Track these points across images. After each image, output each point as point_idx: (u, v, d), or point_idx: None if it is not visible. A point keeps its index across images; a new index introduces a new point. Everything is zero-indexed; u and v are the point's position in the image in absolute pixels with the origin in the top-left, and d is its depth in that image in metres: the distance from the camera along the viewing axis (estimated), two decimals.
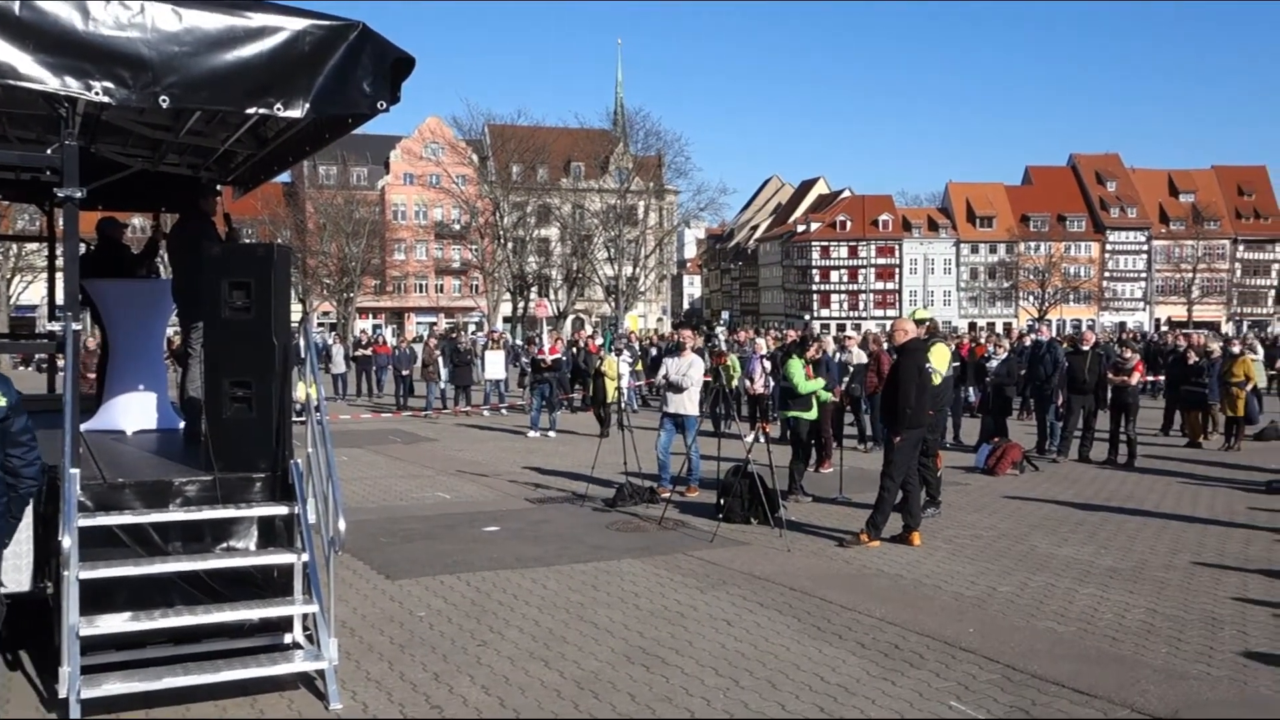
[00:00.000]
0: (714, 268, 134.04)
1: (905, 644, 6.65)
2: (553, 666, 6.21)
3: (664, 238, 75.13)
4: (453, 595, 7.85)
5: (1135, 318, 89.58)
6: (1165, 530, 10.45)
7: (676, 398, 12.47)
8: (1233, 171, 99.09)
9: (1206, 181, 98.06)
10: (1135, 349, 18.96)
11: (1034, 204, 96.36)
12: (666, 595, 7.87)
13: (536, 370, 20.38)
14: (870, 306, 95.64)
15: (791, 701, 5.66)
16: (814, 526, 10.53)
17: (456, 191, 70.59)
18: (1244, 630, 6.97)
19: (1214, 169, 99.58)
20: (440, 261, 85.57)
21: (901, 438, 9.58)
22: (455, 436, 19.61)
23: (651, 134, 70.03)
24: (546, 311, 27.14)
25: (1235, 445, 17.33)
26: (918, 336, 10.17)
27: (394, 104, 5.84)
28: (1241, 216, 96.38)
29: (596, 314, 77.33)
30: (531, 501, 12.20)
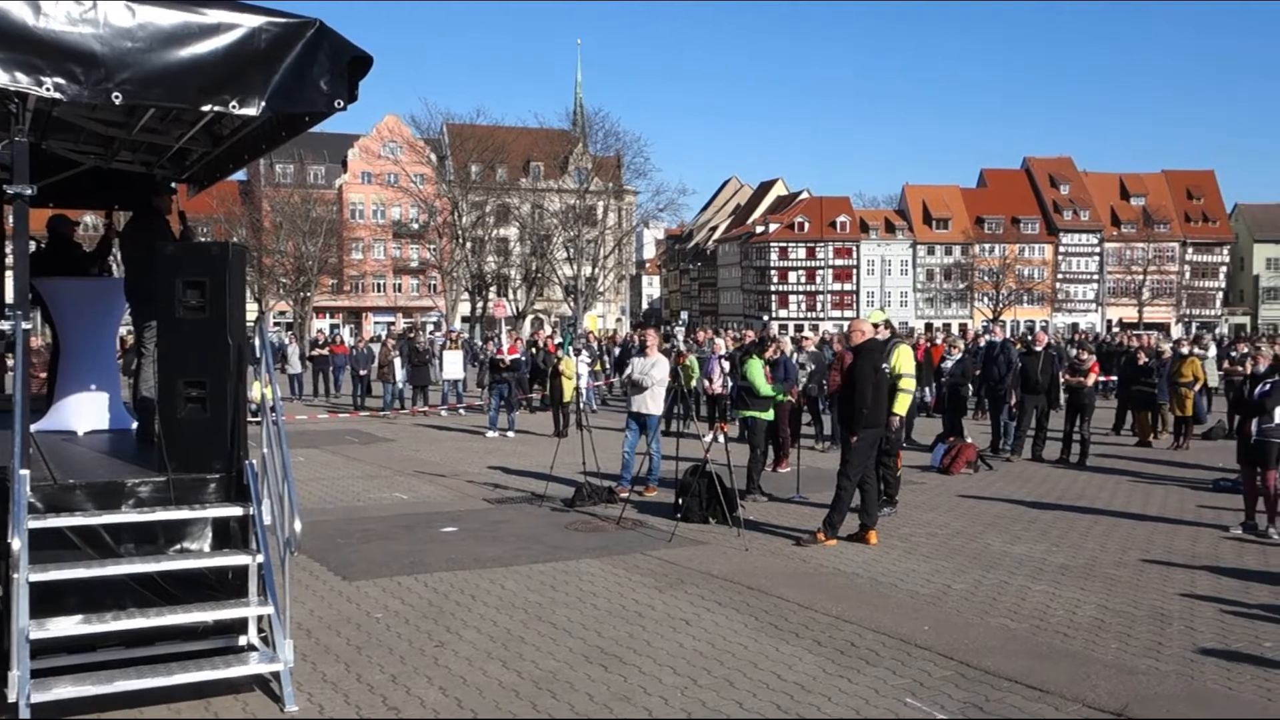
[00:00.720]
0: (673, 268, 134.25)
1: (861, 641, 6.72)
2: (511, 667, 6.20)
3: (623, 238, 75.18)
4: (410, 596, 7.82)
5: (1088, 319, 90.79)
6: (1116, 528, 10.61)
7: (639, 397, 12.51)
8: (1182, 176, 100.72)
9: (1156, 185, 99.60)
10: (1091, 350, 19.23)
11: (989, 206, 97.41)
12: (625, 595, 7.89)
13: (495, 370, 20.32)
14: (828, 307, 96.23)
15: (749, 699, 5.69)
16: (772, 526, 10.59)
17: (415, 190, 70.18)
18: (1191, 626, 7.10)
19: (1164, 173, 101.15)
20: (398, 261, 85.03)
21: (858, 437, 9.66)
22: (413, 437, 19.51)
23: (611, 134, 70.06)
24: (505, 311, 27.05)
25: (1184, 444, 17.64)
26: (874, 337, 10.25)
27: (351, 102, 5.80)
28: (1190, 220, 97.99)
29: (556, 314, 77.21)
30: (490, 502, 12.17)
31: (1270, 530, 10.11)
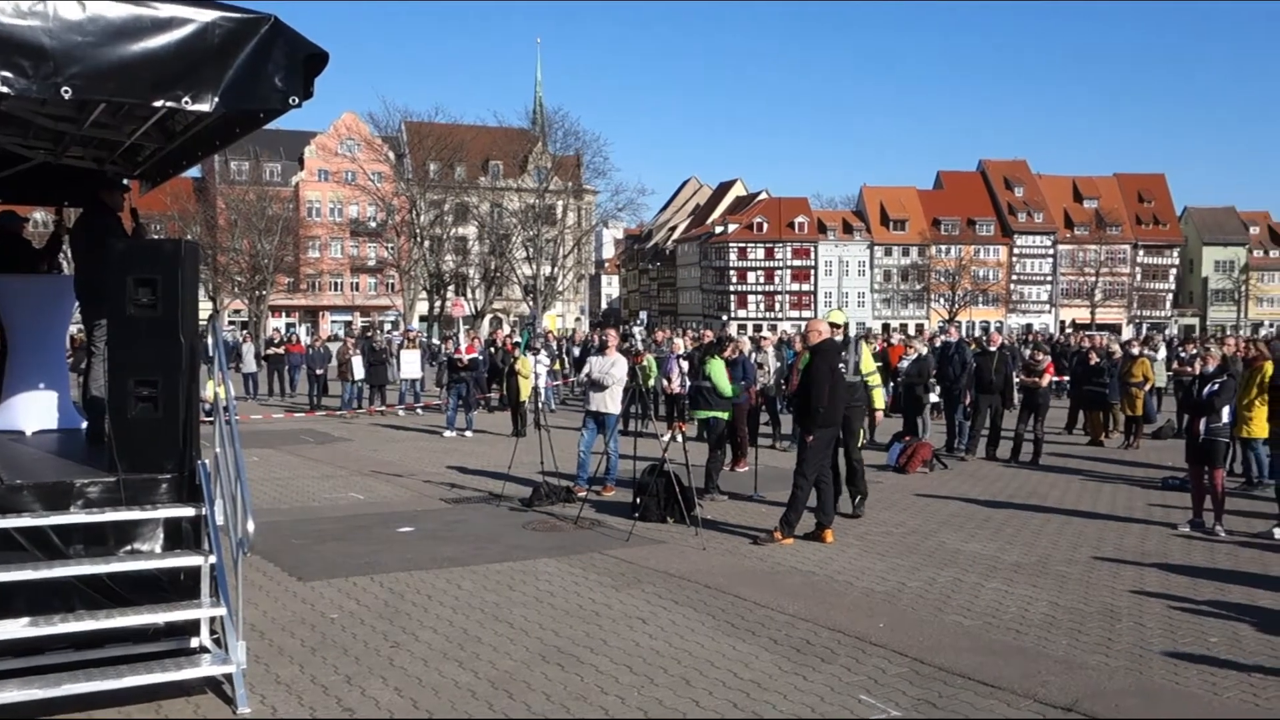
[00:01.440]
0: (632, 268, 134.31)
1: (817, 639, 6.76)
2: (467, 667, 6.18)
3: (582, 237, 75.06)
4: (365, 597, 7.77)
5: (1041, 319, 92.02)
6: (1068, 526, 10.75)
7: (598, 396, 12.51)
8: (1133, 179, 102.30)
9: (1109, 188, 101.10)
10: (1045, 351, 19.47)
11: (945, 208, 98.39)
12: (582, 594, 7.88)
13: (453, 370, 20.23)
14: (786, 307, 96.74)
15: (705, 698, 5.71)
16: (729, 525, 10.63)
17: (372, 189, 69.70)
18: (1140, 622, 7.22)
19: (1116, 176, 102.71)
20: (356, 259, 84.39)
21: (814, 436, 9.72)
22: (370, 436, 19.37)
23: (570, 134, 69.92)
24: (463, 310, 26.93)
25: (1134, 443, 17.90)
26: (831, 338, 10.33)
27: (307, 99, 5.75)
28: (1141, 222, 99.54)
29: (515, 313, 76.98)
30: (447, 501, 12.12)
31: (1217, 528, 10.30)
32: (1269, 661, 6.35)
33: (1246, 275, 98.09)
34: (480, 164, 78.22)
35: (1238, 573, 8.74)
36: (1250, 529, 10.44)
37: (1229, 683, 5.97)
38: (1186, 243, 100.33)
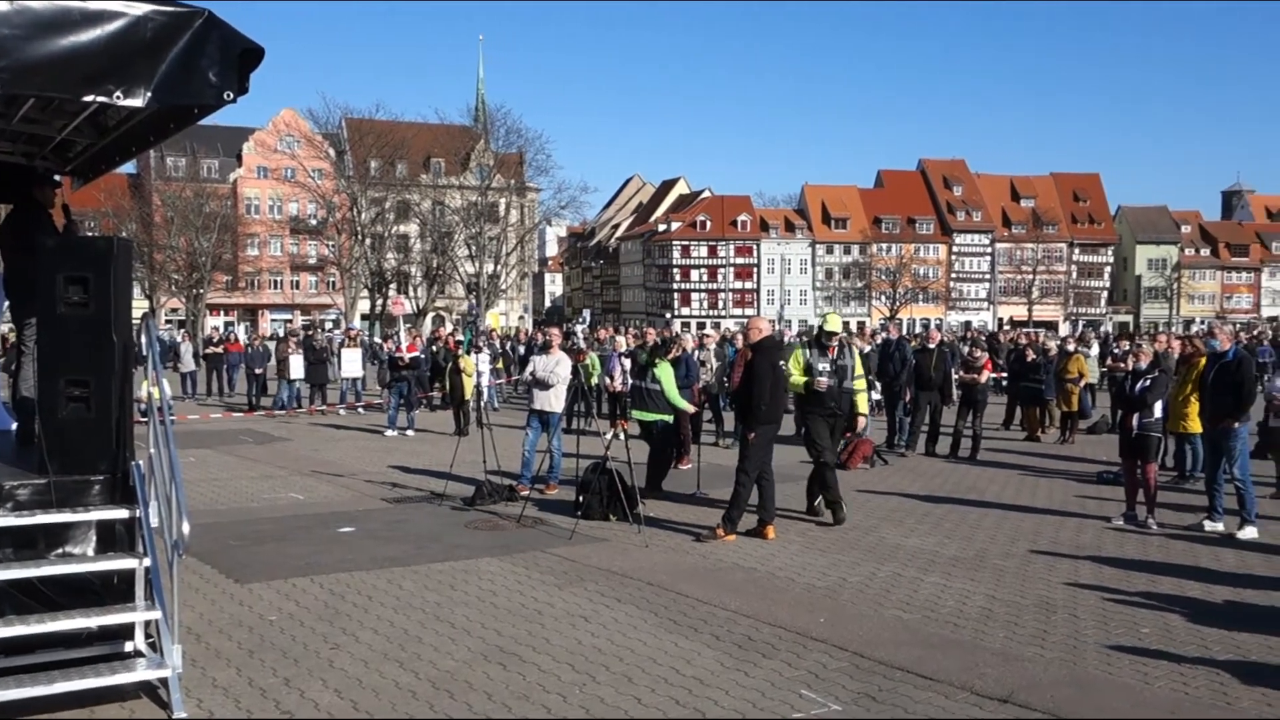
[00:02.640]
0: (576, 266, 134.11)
1: (759, 635, 6.80)
2: (408, 667, 6.14)
3: (525, 235, 74.87)
4: (305, 598, 7.68)
5: (980, 317, 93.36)
6: (1005, 520, 10.93)
7: (542, 394, 12.49)
8: (1069, 179, 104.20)
9: (1045, 187, 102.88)
10: (983, 348, 19.75)
11: (885, 207, 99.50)
12: (524, 593, 7.86)
13: (394, 368, 20.06)
14: (729, 305, 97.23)
15: (647, 695, 5.72)
16: (672, 522, 10.66)
17: (312, 186, 68.92)
18: (1075, 614, 7.35)
19: (1052, 176, 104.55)
20: (296, 257, 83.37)
21: (755, 434, 9.78)
22: (310, 436, 19.15)
23: (513, 131, 69.76)
24: (404, 309, 26.70)
25: (1070, 439, 18.24)
26: (771, 335, 10.41)
27: (242, 95, 5.66)
28: (1077, 221, 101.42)
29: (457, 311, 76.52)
30: (388, 501, 12.02)
31: (1149, 521, 10.52)
32: (1198, 651, 6.50)
33: (1178, 273, 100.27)
34: (422, 161, 77.66)
35: (1169, 564, 8.93)
36: (1181, 522, 10.68)
37: (1160, 672, 6.10)
38: (1120, 241, 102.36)
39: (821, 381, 10.71)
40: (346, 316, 66.03)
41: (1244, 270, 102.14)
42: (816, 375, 10.72)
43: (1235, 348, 10.76)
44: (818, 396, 10.75)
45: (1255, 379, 11.09)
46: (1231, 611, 7.43)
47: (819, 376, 10.71)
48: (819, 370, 10.74)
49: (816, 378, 10.71)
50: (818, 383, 10.71)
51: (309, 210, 77.14)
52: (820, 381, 10.71)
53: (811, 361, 10.81)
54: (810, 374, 10.76)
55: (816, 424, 10.80)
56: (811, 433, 10.82)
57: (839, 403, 10.88)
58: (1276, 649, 6.55)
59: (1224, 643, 6.67)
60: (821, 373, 10.73)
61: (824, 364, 10.79)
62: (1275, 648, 6.58)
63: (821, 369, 10.75)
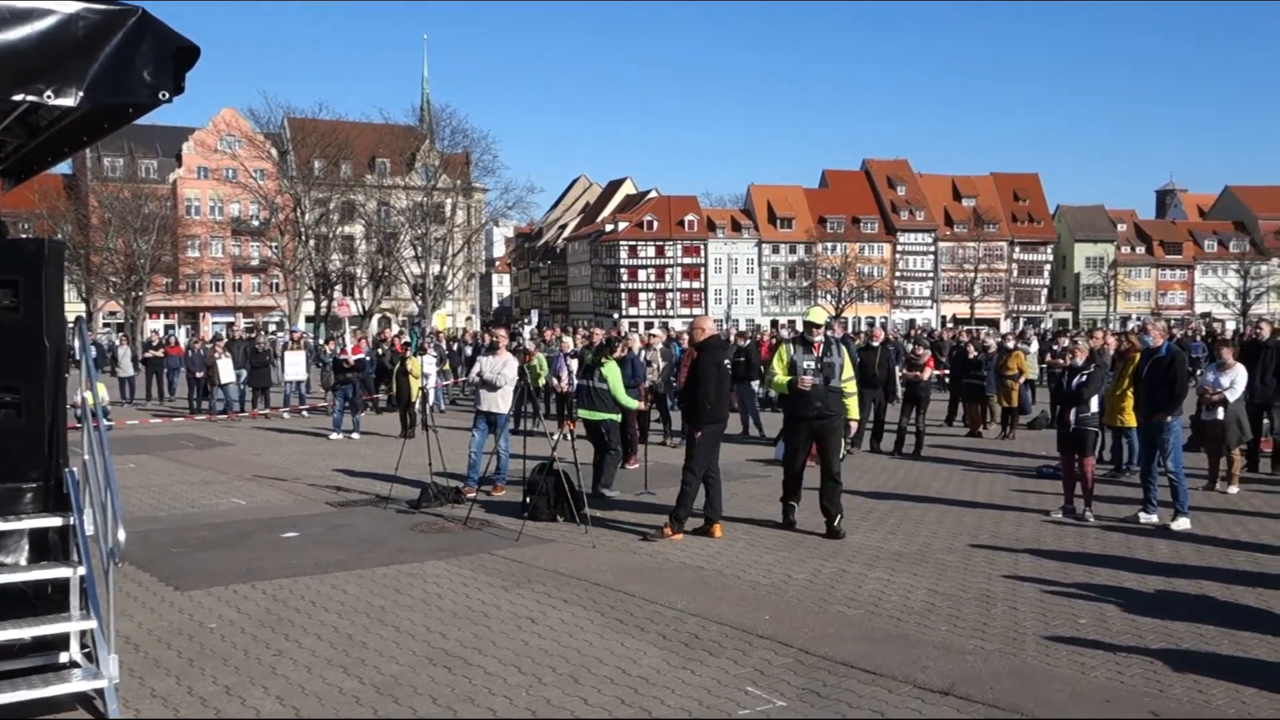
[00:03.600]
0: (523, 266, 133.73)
1: (705, 633, 6.83)
2: (352, 673, 6.09)
3: (472, 236, 74.50)
4: (246, 605, 7.59)
5: (924, 315, 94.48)
6: (947, 515, 11.07)
7: (490, 395, 12.44)
8: (1009, 178, 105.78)
9: (986, 187, 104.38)
10: (926, 345, 19.97)
11: (830, 206, 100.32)
12: (470, 595, 7.83)
13: (339, 371, 19.86)
14: (677, 305, 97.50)
15: (593, 695, 5.73)
16: (619, 522, 10.66)
17: (254, 186, 68.05)
18: (1014, 606, 7.47)
19: (992, 175, 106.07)
20: (238, 259, 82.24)
21: (702, 433, 9.82)
22: (253, 440, 18.91)
23: (458, 131, 69.44)
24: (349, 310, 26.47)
25: (1010, 434, 18.51)
26: (716, 334, 10.45)
27: (177, 94, 5.58)
28: (1017, 220, 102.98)
29: (404, 313, 75.94)
30: (333, 505, 11.90)
31: (1087, 513, 10.71)
32: (1133, 640, 6.63)
33: (1115, 271, 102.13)
34: (366, 161, 76.98)
35: (1105, 556, 9.10)
36: (1117, 514, 10.88)
37: (1096, 662, 6.22)
38: (1059, 240, 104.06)
39: (805, 380, 9.89)
40: (290, 319, 65.28)
41: (1178, 268, 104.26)
42: (800, 374, 9.94)
43: (1168, 344, 10.98)
44: (802, 398, 9.96)
45: (1188, 374, 11.34)
46: (1165, 601, 7.59)
47: (803, 375, 9.92)
48: (803, 368, 9.94)
49: (800, 376, 9.92)
50: (801, 381, 9.90)
51: (251, 211, 76.16)
52: (804, 380, 9.89)
53: (795, 359, 10.03)
54: (794, 372, 9.99)
55: (795, 430, 10.23)
56: (788, 440, 10.32)
57: (826, 403, 9.97)
58: (1207, 637, 6.71)
59: (1157, 631, 6.82)
60: (806, 370, 9.93)
61: (809, 361, 9.97)
62: (1206, 635, 6.73)
63: (806, 367, 9.94)
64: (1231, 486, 12.36)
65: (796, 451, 10.24)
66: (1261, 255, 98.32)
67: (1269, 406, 13.84)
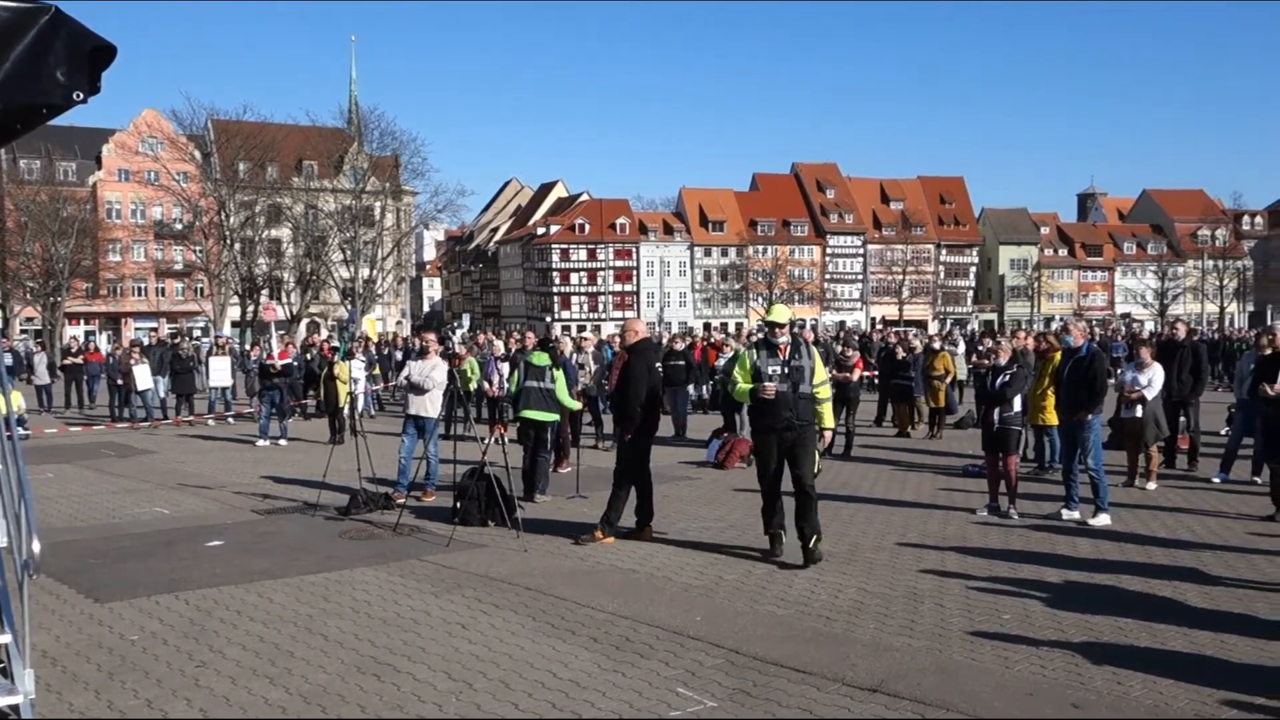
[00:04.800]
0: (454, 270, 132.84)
1: (636, 636, 6.84)
2: (278, 683, 5.99)
3: (401, 239, 73.71)
4: (169, 616, 7.43)
5: (853, 317, 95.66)
6: (876, 514, 11.20)
7: (418, 399, 12.34)
8: (935, 182, 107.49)
9: (913, 190, 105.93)
10: (855, 347, 20.23)
11: (761, 209, 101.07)
12: (400, 602, 7.75)
13: (265, 376, 19.54)
14: (610, 308, 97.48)
15: (524, 700, 5.70)
16: (551, 526, 10.63)
17: (177, 189, 66.59)
18: (941, 603, 7.59)
19: (919, 179, 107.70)
20: (161, 263, 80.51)
21: (633, 436, 9.83)
22: (176, 448, 18.53)
23: (387, 133, 68.84)
24: (275, 315, 26.04)
25: (938, 433, 18.80)
26: (647, 337, 10.47)
27: (93, 94, 5.45)
28: (944, 223, 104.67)
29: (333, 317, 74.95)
30: (259, 513, 11.71)
31: (1011, 511, 10.92)
32: (1055, 634, 6.77)
33: (1038, 273, 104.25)
34: (293, 164, 75.78)
35: (1029, 552, 9.28)
36: (1040, 511, 11.10)
37: (1019, 656, 6.34)
38: (984, 242, 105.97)
39: (768, 388, 8.82)
40: (215, 324, 64.09)
41: (1098, 269, 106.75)
42: (764, 380, 8.89)
43: (1088, 344, 11.23)
44: (769, 407, 8.91)
45: (1107, 373, 11.61)
46: (1086, 596, 7.76)
47: (766, 382, 8.86)
48: (768, 374, 8.89)
49: (763, 384, 8.87)
50: (763, 389, 8.83)
51: (174, 214, 74.53)
52: (766, 388, 8.83)
53: (759, 365, 8.97)
54: (758, 379, 8.95)
55: (764, 442, 9.12)
56: (757, 455, 9.33)
57: (796, 412, 8.89)
58: (1125, 629, 6.88)
59: (1079, 625, 6.97)
60: (771, 377, 8.88)
61: (774, 366, 8.92)
62: (1124, 628, 6.90)
63: (771, 372, 8.89)
64: (1150, 483, 12.68)
65: (768, 467, 9.06)
66: (1178, 257, 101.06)
67: (1185, 404, 14.23)
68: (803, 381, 8.93)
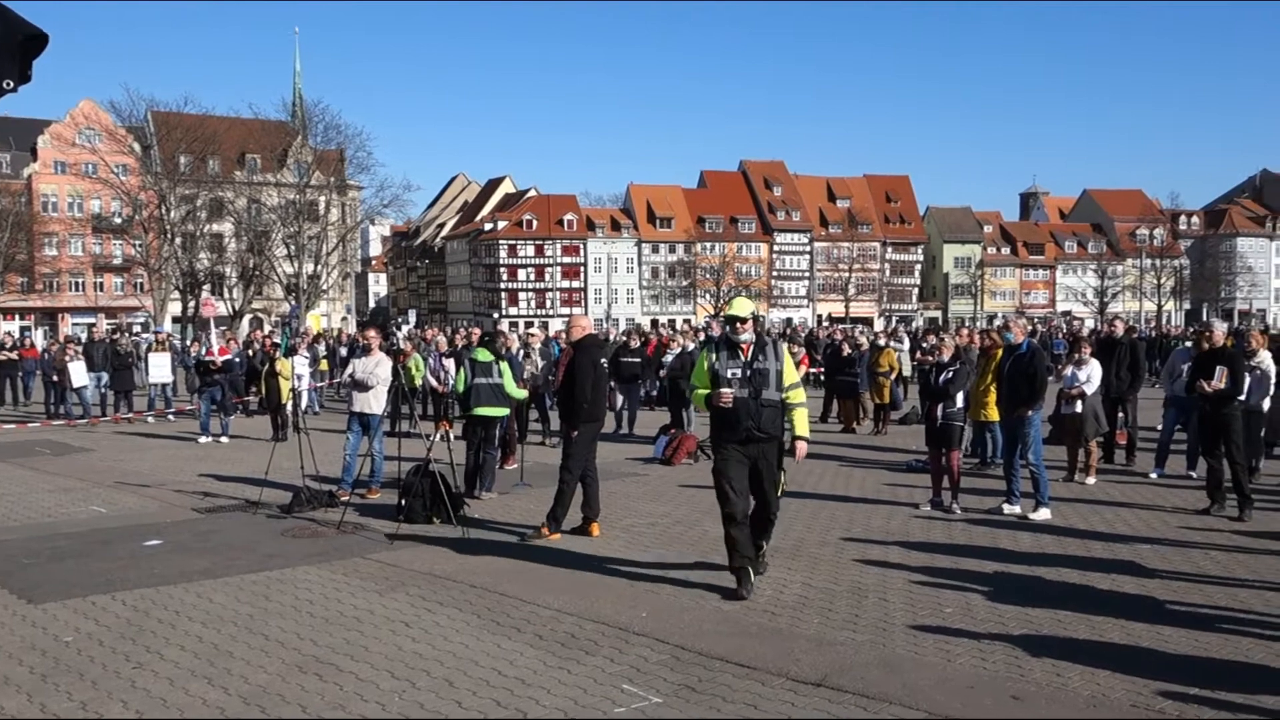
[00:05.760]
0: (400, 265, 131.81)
1: (581, 632, 6.82)
2: (217, 684, 5.89)
3: (346, 234, 72.87)
4: (105, 616, 7.28)
5: (800, 314, 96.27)
6: (821, 510, 11.27)
7: (362, 396, 12.22)
8: (881, 180, 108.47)
9: (859, 188, 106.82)
10: (800, 343, 20.35)
11: (709, 206, 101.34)
12: (343, 601, 7.66)
13: (205, 372, 19.20)
14: (557, 304, 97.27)
15: (468, 698, 5.66)
16: (496, 522, 10.58)
17: (116, 182, 65.27)
18: (884, 597, 7.65)
19: (865, 177, 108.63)
20: (99, 258, 78.84)
21: (579, 431, 9.81)
22: (115, 446, 18.18)
23: (332, 127, 67.87)
24: (214, 310, 25.65)
25: (882, 429, 18.98)
26: (593, 333, 10.45)
27: (23, 83, 5.32)
28: (889, 221, 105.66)
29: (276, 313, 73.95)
30: (199, 511, 11.52)
31: (954, 506, 11.05)
32: (996, 627, 6.86)
33: (982, 271, 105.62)
34: (235, 157, 74.70)
35: (971, 546, 9.40)
36: (982, 506, 11.24)
37: (961, 649, 6.41)
38: (929, 240, 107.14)
39: (725, 395, 7.63)
40: (156, 319, 62.96)
41: (1040, 268, 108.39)
42: (724, 385, 7.72)
43: (1028, 341, 11.38)
44: (727, 417, 7.73)
45: (1048, 370, 11.78)
46: (1026, 589, 7.87)
47: (723, 388, 7.68)
48: (726, 379, 7.71)
49: (719, 391, 7.70)
50: (719, 396, 7.65)
51: (113, 208, 73.11)
52: (723, 395, 7.64)
53: (718, 368, 7.79)
54: (716, 384, 7.78)
55: (722, 457, 7.85)
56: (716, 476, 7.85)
57: (758, 422, 7.69)
58: (1065, 622, 6.98)
59: (1019, 618, 7.06)
60: (731, 381, 7.70)
61: (734, 369, 7.72)
62: (1064, 621, 7.00)
63: (731, 376, 7.69)
64: (1089, 477, 12.89)
65: (728, 490, 7.73)
66: (1117, 256, 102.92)
67: (1123, 400, 14.49)
68: (767, 386, 7.70)
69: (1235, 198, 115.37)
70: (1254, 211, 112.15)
